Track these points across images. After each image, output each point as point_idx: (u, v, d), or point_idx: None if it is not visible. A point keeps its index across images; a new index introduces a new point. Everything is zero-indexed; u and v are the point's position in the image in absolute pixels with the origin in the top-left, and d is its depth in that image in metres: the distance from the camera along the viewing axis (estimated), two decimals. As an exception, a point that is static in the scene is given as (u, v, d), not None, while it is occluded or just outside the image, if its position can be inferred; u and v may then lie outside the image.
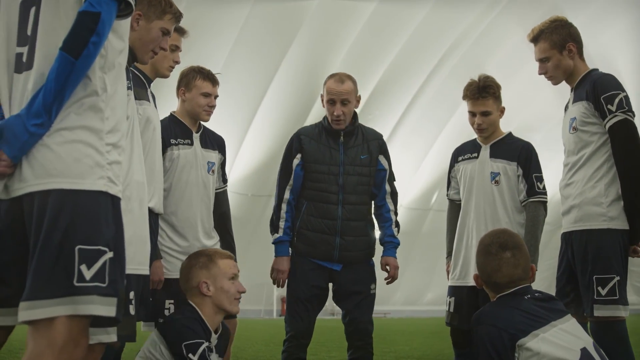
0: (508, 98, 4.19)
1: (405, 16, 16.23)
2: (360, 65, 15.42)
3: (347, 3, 15.51)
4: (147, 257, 2.85)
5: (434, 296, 23.52)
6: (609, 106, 3.42)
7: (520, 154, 3.99)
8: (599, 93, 3.45)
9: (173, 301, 3.68)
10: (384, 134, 4.23)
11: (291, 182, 3.95)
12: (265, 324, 16.14)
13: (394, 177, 4.10)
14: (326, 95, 3.91)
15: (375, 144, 4.02)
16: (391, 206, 4.05)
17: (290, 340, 3.87)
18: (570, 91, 3.70)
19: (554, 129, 7.89)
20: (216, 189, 4.05)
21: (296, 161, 3.95)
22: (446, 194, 4.33)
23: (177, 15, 3.03)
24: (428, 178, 21.21)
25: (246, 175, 18.20)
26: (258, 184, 18.58)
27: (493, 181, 3.99)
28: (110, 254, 1.85)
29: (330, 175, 3.90)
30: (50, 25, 1.89)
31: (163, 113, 3.69)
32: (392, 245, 4.02)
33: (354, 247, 3.90)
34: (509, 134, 4.12)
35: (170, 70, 3.59)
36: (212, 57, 13.53)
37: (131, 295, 2.64)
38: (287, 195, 3.94)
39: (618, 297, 3.34)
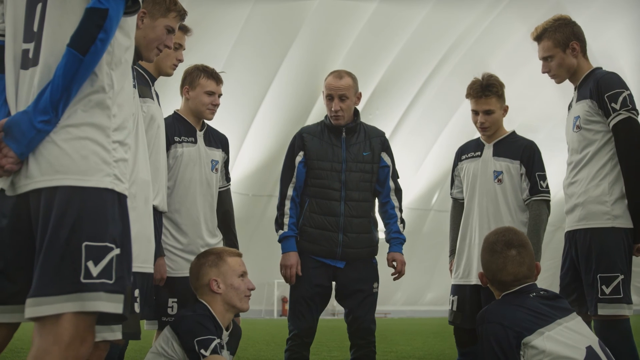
0: (510, 97, 4.18)
1: (406, 15, 16.25)
2: (361, 64, 15.43)
3: (348, 2, 15.53)
4: (152, 256, 2.86)
5: (434, 296, 23.54)
6: (613, 104, 3.42)
7: (524, 153, 3.98)
8: (603, 91, 3.45)
9: (176, 299, 3.67)
10: (385, 133, 4.23)
11: (294, 180, 3.95)
12: (266, 324, 16.14)
13: (397, 174, 4.09)
14: (325, 91, 3.94)
15: (378, 140, 4.02)
16: (396, 203, 4.04)
17: (293, 339, 3.87)
18: (574, 90, 3.70)
19: (557, 128, 7.89)
20: (219, 188, 4.04)
21: (299, 158, 3.95)
22: (450, 193, 4.33)
23: (182, 13, 3.03)
24: (429, 178, 21.22)
25: (247, 175, 18.20)
26: (259, 184, 18.59)
27: (496, 180, 3.99)
28: (117, 250, 1.84)
29: (333, 172, 3.90)
30: (56, 21, 1.88)
31: (166, 111, 3.69)
32: (399, 241, 4.00)
33: (357, 244, 3.90)
34: (513, 133, 4.11)
35: (174, 69, 3.58)
36: (213, 57, 13.53)
37: (136, 293, 2.65)
38: (290, 192, 3.94)
39: (622, 296, 3.34)
